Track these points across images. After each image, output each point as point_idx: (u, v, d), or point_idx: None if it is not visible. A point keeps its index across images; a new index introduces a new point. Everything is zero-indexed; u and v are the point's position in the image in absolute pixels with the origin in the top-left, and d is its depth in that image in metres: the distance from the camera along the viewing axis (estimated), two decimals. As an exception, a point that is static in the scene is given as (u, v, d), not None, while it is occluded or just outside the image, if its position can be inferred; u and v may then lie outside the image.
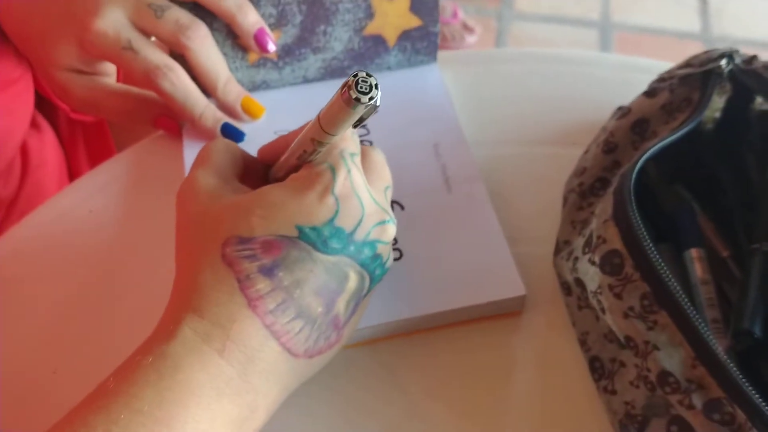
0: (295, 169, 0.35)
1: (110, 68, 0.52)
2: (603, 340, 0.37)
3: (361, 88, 0.27)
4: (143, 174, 0.49)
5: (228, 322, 0.30)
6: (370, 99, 0.28)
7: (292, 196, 0.32)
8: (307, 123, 0.33)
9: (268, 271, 0.31)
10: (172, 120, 0.49)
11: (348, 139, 0.34)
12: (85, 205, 0.47)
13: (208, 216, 0.33)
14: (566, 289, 0.40)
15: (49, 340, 0.41)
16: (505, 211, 0.45)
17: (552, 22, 1.89)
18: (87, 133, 0.67)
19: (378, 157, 0.38)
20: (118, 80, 0.53)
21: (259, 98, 0.50)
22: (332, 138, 0.31)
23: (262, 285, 0.31)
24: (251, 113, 0.50)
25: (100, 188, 0.48)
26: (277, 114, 0.50)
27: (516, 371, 0.39)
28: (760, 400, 0.29)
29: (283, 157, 0.36)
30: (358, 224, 0.33)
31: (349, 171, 0.33)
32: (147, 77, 0.46)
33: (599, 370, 0.37)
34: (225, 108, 0.49)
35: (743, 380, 0.30)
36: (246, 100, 0.49)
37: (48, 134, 0.63)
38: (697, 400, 0.30)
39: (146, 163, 0.50)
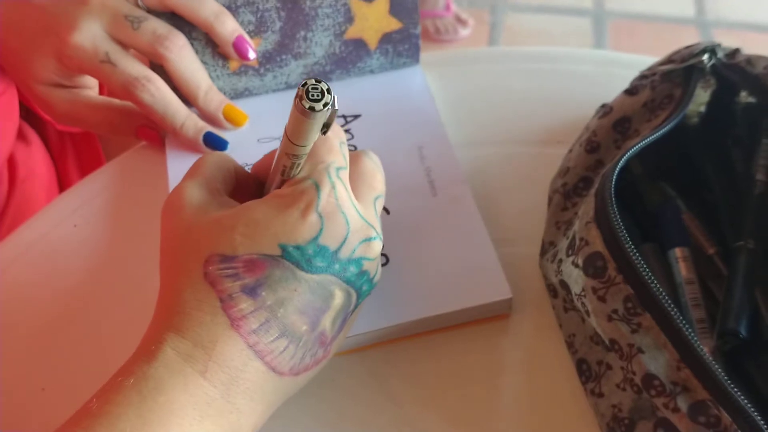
0: (281, 185, 0.34)
1: (91, 81, 0.51)
2: (589, 343, 0.37)
3: (313, 96, 0.27)
4: (127, 187, 0.49)
5: (210, 342, 0.30)
6: (324, 105, 0.27)
7: (275, 213, 0.32)
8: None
9: (251, 291, 0.31)
10: (153, 130, 0.49)
11: (333, 151, 0.34)
12: (69, 220, 0.47)
13: (191, 232, 0.33)
14: (552, 291, 0.40)
15: (37, 358, 0.41)
16: (491, 212, 0.45)
17: (545, 12, 1.88)
18: (76, 144, 0.67)
19: (369, 164, 0.37)
20: (100, 92, 0.53)
21: (242, 105, 0.50)
22: (304, 149, 0.31)
23: (245, 305, 0.31)
24: (234, 121, 0.49)
25: (84, 203, 0.48)
26: (261, 121, 0.50)
27: (505, 374, 0.39)
28: (746, 402, 0.29)
29: (271, 173, 0.36)
30: (343, 242, 0.32)
31: (333, 187, 0.32)
32: (126, 89, 0.45)
33: (586, 373, 0.37)
34: (207, 117, 0.49)
35: (728, 382, 0.29)
36: (228, 108, 0.49)
37: (36, 146, 0.63)
38: (683, 403, 0.30)
39: (130, 175, 0.49)
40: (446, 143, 0.47)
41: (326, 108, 0.27)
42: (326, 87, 0.27)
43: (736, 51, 0.41)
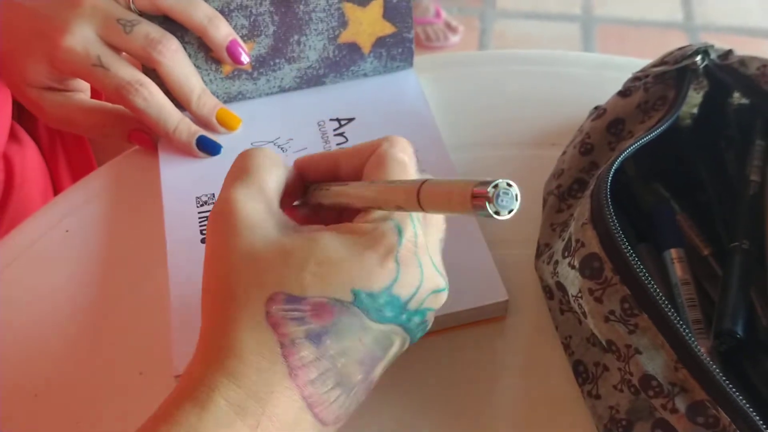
0: (349, 209, 0.31)
1: (83, 84, 0.51)
2: (586, 344, 0.37)
3: (502, 201, 0.22)
4: (120, 191, 0.48)
5: (265, 393, 0.27)
6: (509, 212, 0.23)
7: (351, 254, 0.29)
8: (361, 151, 0.30)
9: (315, 338, 0.28)
10: (146, 134, 0.49)
11: None
12: (61, 225, 0.46)
13: (254, 260, 0.29)
14: (548, 292, 0.40)
15: (29, 364, 0.40)
16: (486, 214, 0.45)
17: (534, 18, 1.89)
18: (67, 146, 0.67)
19: None
20: (92, 96, 0.53)
21: (236, 109, 0.50)
22: (426, 212, 0.27)
23: (306, 352, 0.28)
24: (227, 125, 0.49)
25: (76, 207, 0.48)
26: (255, 124, 0.50)
27: (501, 377, 0.39)
28: (744, 401, 0.29)
29: (337, 187, 0.32)
30: (415, 292, 0.30)
31: (415, 233, 0.30)
32: (118, 93, 0.45)
33: (583, 374, 0.36)
34: (200, 121, 0.49)
35: (726, 382, 0.29)
36: (221, 112, 0.49)
37: (30, 148, 0.62)
38: (681, 404, 0.30)
39: (122, 179, 0.49)
40: (441, 146, 0.47)
41: (509, 215, 0.23)
42: (517, 192, 0.23)
43: (729, 52, 0.41)
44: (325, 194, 0.34)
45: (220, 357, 0.28)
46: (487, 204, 0.22)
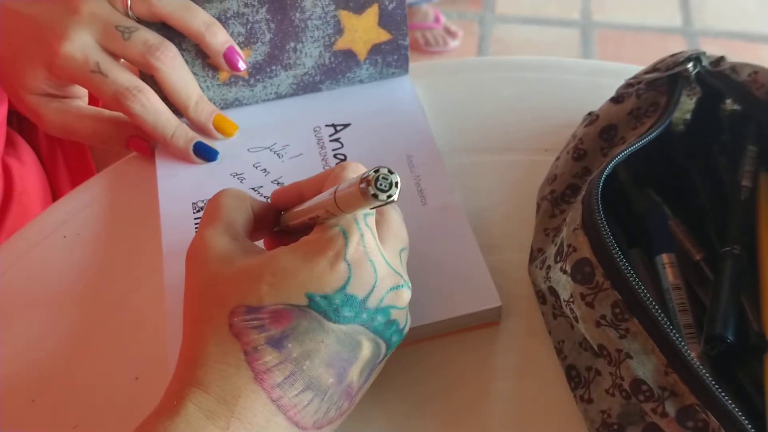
0: (307, 225, 0.34)
1: (81, 91, 0.52)
2: (578, 349, 0.37)
3: (381, 185, 0.27)
4: (117, 197, 0.49)
5: (233, 397, 0.29)
6: (388, 197, 0.27)
7: (302, 262, 0.31)
8: (320, 177, 0.33)
9: (276, 343, 0.30)
10: (144, 141, 0.49)
11: None
12: (59, 231, 0.47)
13: (217, 282, 0.32)
14: (541, 297, 0.40)
15: (26, 369, 0.41)
16: (480, 219, 0.45)
17: (533, 23, 1.90)
18: (67, 155, 0.67)
19: (395, 215, 0.36)
20: (90, 103, 0.53)
21: (232, 116, 0.50)
22: (347, 214, 0.31)
23: (269, 357, 0.30)
24: (224, 131, 0.49)
25: (74, 214, 0.48)
26: (251, 131, 0.50)
27: (495, 381, 0.39)
28: (733, 406, 0.29)
29: (297, 209, 0.35)
30: (372, 290, 0.32)
31: (362, 235, 0.32)
32: (117, 100, 0.46)
33: (575, 379, 0.37)
34: (197, 127, 0.49)
35: (716, 386, 0.29)
36: (218, 119, 0.49)
37: (30, 159, 0.63)
38: (671, 408, 0.30)
39: (120, 186, 0.49)
40: (435, 152, 0.48)
41: (389, 199, 0.27)
42: (396, 180, 0.27)
43: (721, 59, 0.41)
44: (288, 217, 0.37)
45: (190, 369, 0.30)
46: (368, 187, 0.27)
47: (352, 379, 0.32)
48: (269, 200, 0.39)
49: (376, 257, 0.32)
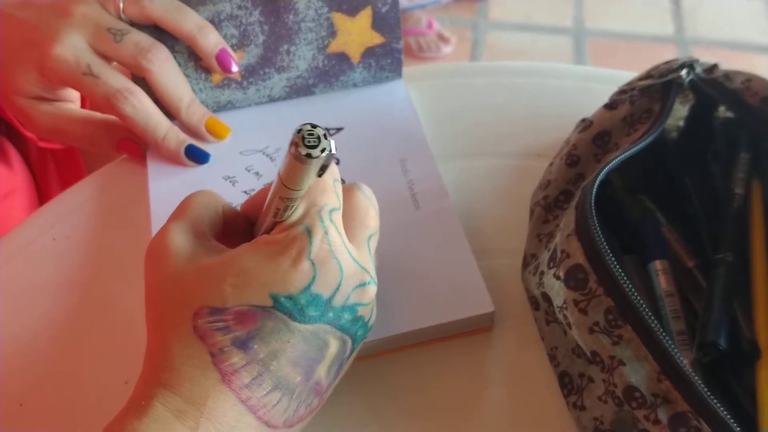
0: (273, 227, 0.33)
1: (73, 94, 0.51)
2: (571, 355, 0.37)
3: (309, 142, 0.26)
4: (107, 200, 0.48)
5: (201, 398, 0.29)
6: (322, 151, 0.27)
7: (265, 262, 0.30)
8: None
9: (242, 344, 0.30)
10: (135, 144, 0.49)
11: (327, 192, 0.33)
12: (48, 234, 0.46)
13: (178, 282, 0.31)
14: (534, 303, 0.40)
15: (14, 373, 0.40)
16: (473, 224, 0.45)
17: (526, 30, 1.90)
18: (58, 159, 0.66)
19: (362, 200, 0.35)
20: (82, 106, 0.53)
21: (225, 118, 0.50)
22: (298, 193, 0.30)
23: (236, 358, 0.30)
24: (216, 134, 0.49)
25: (63, 216, 0.47)
26: (243, 134, 0.50)
27: (488, 387, 0.39)
28: (726, 413, 0.29)
29: (262, 213, 0.35)
30: (337, 289, 0.31)
31: (326, 232, 0.31)
32: (108, 102, 0.45)
33: (568, 386, 0.37)
34: (189, 130, 0.49)
35: (708, 393, 0.29)
36: (210, 121, 0.49)
37: (17, 163, 0.62)
38: (663, 415, 0.30)
39: (110, 188, 0.49)
40: (429, 156, 0.47)
41: (324, 153, 0.27)
42: (323, 132, 0.27)
43: (714, 66, 0.41)
44: (257, 226, 0.36)
45: (156, 372, 0.30)
46: (298, 149, 0.26)
47: (320, 377, 0.32)
48: None
49: (341, 254, 0.32)
